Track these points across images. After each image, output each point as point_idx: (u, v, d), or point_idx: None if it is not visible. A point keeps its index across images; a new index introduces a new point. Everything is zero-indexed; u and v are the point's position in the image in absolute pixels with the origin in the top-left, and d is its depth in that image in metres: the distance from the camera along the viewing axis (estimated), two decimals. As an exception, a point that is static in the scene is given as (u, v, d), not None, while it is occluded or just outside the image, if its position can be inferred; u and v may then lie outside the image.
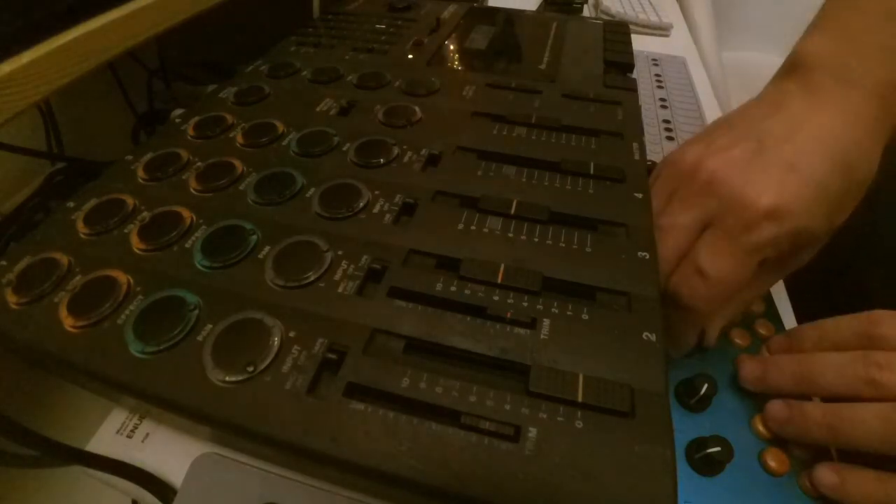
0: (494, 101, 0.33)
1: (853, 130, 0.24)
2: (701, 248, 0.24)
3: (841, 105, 0.25)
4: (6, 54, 0.23)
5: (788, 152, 0.24)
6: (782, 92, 0.27)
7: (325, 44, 0.41)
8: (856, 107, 0.25)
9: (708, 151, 0.26)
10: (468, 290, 0.20)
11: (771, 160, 0.24)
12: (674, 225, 0.25)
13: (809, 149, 0.24)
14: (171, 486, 0.21)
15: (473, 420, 0.16)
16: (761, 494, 0.23)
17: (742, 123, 0.27)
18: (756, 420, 0.25)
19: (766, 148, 0.25)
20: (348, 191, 0.25)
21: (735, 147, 0.25)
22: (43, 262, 0.22)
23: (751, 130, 0.26)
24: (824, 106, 0.25)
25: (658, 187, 0.27)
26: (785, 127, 0.25)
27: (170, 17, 0.32)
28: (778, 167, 0.24)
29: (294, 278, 0.21)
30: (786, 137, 0.25)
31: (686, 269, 0.25)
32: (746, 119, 0.27)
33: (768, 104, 0.27)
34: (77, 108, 0.47)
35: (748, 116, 0.27)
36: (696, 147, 0.27)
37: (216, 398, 0.17)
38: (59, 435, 0.20)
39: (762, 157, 0.24)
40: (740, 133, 0.26)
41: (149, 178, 0.26)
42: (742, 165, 0.24)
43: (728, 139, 0.26)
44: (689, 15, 0.71)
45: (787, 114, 0.26)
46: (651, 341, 0.19)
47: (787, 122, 0.25)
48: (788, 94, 0.27)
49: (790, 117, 0.26)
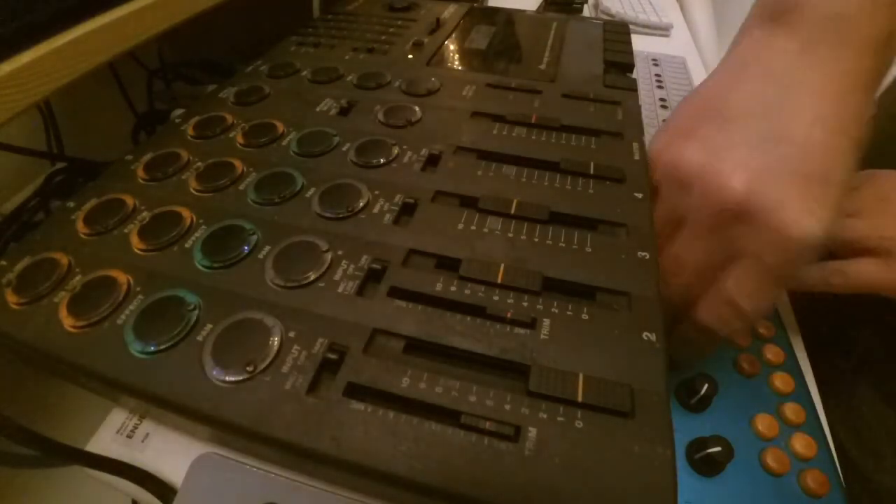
0: (494, 101, 0.33)
1: (851, 99, 0.22)
2: (734, 284, 0.22)
3: (835, 74, 0.23)
4: (6, 54, 0.23)
5: (812, 158, 0.21)
6: (765, 58, 0.25)
7: (325, 44, 0.41)
8: (849, 69, 0.22)
9: (717, 161, 0.23)
10: (468, 290, 0.20)
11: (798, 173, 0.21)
12: (695, 257, 0.23)
13: (829, 144, 0.21)
14: (171, 486, 0.21)
15: (473, 420, 0.16)
16: (761, 494, 0.23)
17: (736, 113, 0.24)
18: (756, 420, 0.25)
19: (784, 157, 0.22)
20: (348, 191, 0.25)
21: (749, 157, 0.22)
22: (43, 262, 0.22)
23: (750, 126, 0.23)
24: (817, 80, 0.23)
25: (663, 201, 0.25)
26: (785, 117, 0.22)
27: (170, 17, 0.32)
28: (812, 184, 0.21)
29: (294, 278, 0.21)
30: (793, 133, 0.22)
31: (718, 303, 0.23)
32: (737, 106, 0.24)
33: (757, 80, 0.24)
34: (77, 108, 0.47)
35: (738, 101, 0.24)
36: (696, 149, 0.24)
37: (216, 398, 0.17)
38: (59, 435, 0.20)
39: (786, 170, 0.21)
40: (742, 132, 0.23)
41: (149, 178, 0.26)
42: (770, 188, 0.21)
43: (732, 141, 0.23)
44: (689, 15, 0.71)
45: (781, 96, 0.23)
46: (651, 341, 0.19)
47: (785, 108, 0.23)
48: (772, 62, 0.24)
49: (786, 100, 0.23)
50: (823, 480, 0.23)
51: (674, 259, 0.24)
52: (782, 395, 0.27)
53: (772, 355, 0.28)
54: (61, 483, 0.35)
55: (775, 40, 0.24)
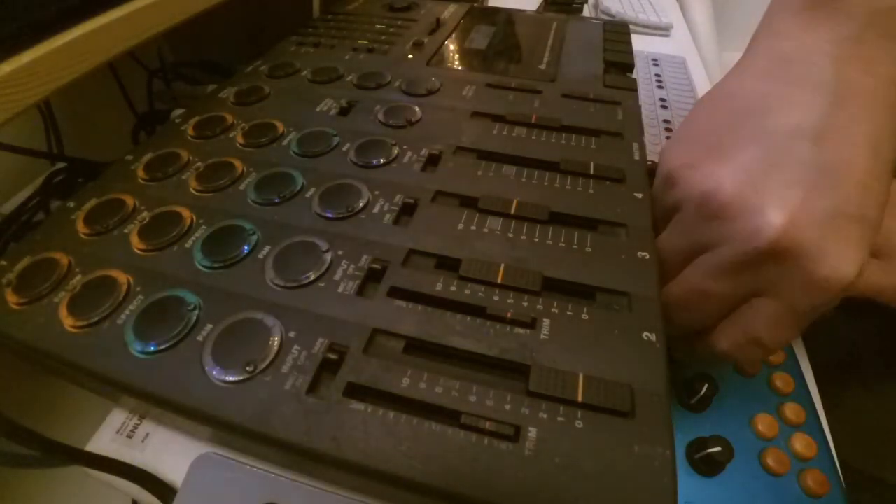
0: (494, 101, 0.33)
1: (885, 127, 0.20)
2: (759, 321, 0.21)
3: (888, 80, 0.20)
4: (6, 54, 0.23)
5: (854, 196, 0.19)
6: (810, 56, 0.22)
7: (325, 44, 0.41)
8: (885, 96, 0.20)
9: (754, 194, 0.20)
10: (468, 290, 0.20)
11: (841, 214, 0.19)
12: (721, 292, 0.22)
13: (872, 177, 0.20)
14: (171, 486, 0.21)
15: (473, 420, 0.16)
16: (761, 494, 0.23)
17: (778, 130, 0.21)
18: (756, 420, 0.25)
19: (826, 190, 0.20)
20: (348, 191, 0.25)
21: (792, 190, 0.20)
22: (43, 262, 0.22)
23: (794, 147, 0.20)
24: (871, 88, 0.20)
25: (686, 228, 0.23)
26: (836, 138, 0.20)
27: (170, 17, 0.32)
28: (852, 225, 0.19)
29: (294, 278, 0.21)
30: (843, 161, 0.20)
31: (740, 338, 0.22)
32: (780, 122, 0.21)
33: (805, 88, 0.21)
34: (77, 108, 0.47)
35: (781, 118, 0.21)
36: (729, 175, 0.21)
37: (216, 398, 0.17)
38: (59, 435, 0.20)
39: (828, 208, 0.19)
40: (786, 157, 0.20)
41: (149, 178, 0.26)
42: (811, 229, 0.19)
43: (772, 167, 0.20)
44: (689, 15, 0.71)
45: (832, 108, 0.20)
46: (651, 341, 0.19)
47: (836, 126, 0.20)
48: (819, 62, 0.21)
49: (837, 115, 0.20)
50: (823, 480, 0.23)
51: (699, 293, 0.22)
52: (782, 395, 0.27)
53: (772, 355, 0.28)
54: (61, 483, 0.35)
55: (816, 34, 0.22)
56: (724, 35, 0.81)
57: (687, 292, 0.23)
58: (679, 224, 0.23)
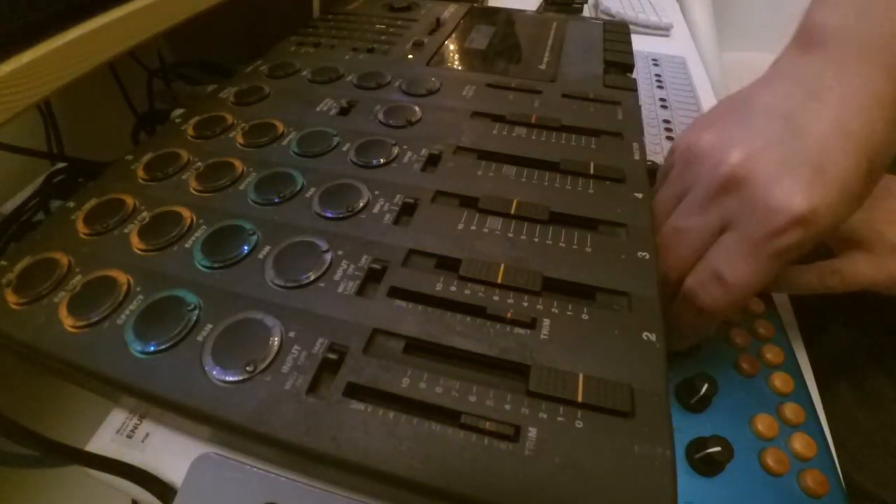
0: (494, 101, 0.33)
1: (873, 115, 0.23)
2: (720, 253, 0.23)
3: (862, 89, 0.23)
4: (6, 54, 0.23)
5: (814, 149, 0.22)
6: (798, 70, 0.25)
7: (325, 44, 0.41)
8: (877, 89, 0.23)
9: (726, 141, 0.24)
10: (468, 290, 0.20)
11: (796, 158, 0.22)
12: (690, 226, 0.24)
13: (834, 143, 0.22)
14: (171, 486, 0.21)
15: (473, 420, 0.16)
16: (761, 494, 0.23)
17: (759, 108, 0.25)
18: (756, 420, 0.25)
19: (788, 142, 0.23)
20: (348, 191, 0.25)
21: (756, 138, 0.23)
22: (43, 262, 0.22)
23: (770, 118, 0.24)
24: (845, 89, 0.23)
25: (672, 179, 0.26)
26: (806, 115, 0.23)
27: (170, 17, 0.32)
28: (804, 167, 0.22)
29: (294, 278, 0.21)
30: (808, 128, 0.23)
31: (703, 273, 0.24)
32: (763, 102, 0.25)
33: (787, 84, 0.25)
34: (77, 108, 0.47)
35: (765, 99, 0.25)
36: (712, 134, 0.25)
37: (216, 398, 0.17)
38: (59, 435, 0.20)
39: (786, 153, 0.22)
40: (759, 121, 0.24)
41: (149, 178, 0.26)
42: (765, 163, 0.22)
43: (747, 128, 0.24)
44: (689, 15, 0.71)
45: (806, 98, 0.24)
46: (651, 341, 0.19)
47: (808, 108, 0.23)
48: (804, 72, 0.25)
49: (810, 102, 0.23)
50: (823, 480, 0.23)
51: (672, 230, 0.25)
52: (782, 395, 0.27)
53: (771, 355, 0.28)
54: (61, 483, 0.35)
55: (809, 58, 0.25)
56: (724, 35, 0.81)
57: (665, 234, 0.25)
58: (669, 180, 0.26)
